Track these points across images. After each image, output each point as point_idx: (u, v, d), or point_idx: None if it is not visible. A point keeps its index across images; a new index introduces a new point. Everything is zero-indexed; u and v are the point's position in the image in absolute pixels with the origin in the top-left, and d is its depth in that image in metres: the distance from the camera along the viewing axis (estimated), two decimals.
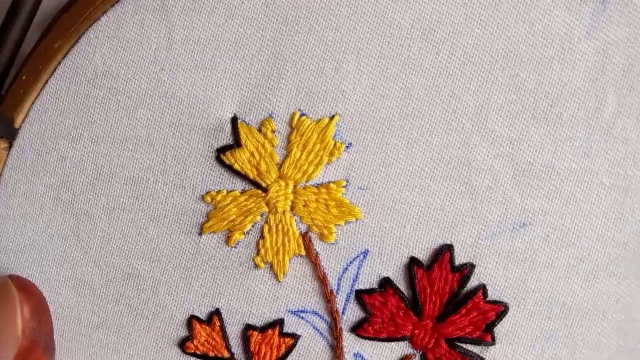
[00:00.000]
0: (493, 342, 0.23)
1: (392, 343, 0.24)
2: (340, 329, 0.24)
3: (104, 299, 0.25)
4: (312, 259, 0.24)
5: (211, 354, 0.25)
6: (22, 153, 0.24)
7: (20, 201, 0.24)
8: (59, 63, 0.23)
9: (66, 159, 0.24)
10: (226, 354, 0.25)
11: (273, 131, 0.23)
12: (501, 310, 0.23)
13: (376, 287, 0.24)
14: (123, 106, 0.23)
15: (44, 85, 0.24)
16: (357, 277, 0.24)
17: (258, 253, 0.24)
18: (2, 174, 0.24)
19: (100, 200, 0.24)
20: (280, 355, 0.24)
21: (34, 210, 0.24)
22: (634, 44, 0.21)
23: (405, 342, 0.24)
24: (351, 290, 0.24)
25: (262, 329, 0.24)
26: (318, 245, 0.23)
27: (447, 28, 0.22)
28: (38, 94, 0.24)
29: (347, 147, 0.23)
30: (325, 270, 0.24)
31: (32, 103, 0.24)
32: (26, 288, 0.23)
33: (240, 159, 0.23)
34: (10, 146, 0.24)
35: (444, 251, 0.23)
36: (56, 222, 0.24)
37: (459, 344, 0.24)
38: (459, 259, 0.23)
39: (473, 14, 0.21)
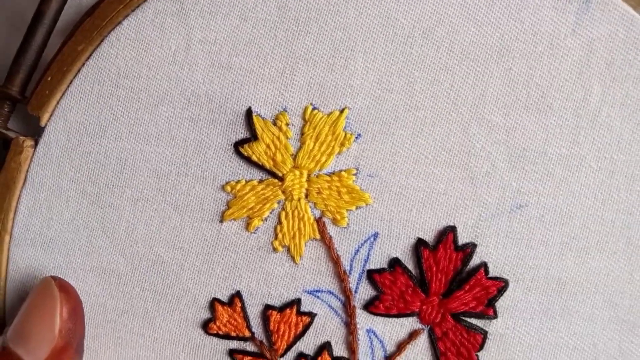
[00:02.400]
0: (495, 315, 0.26)
1: (402, 319, 0.27)
2: (354, 306, 0.27)
3: (129, 285, 0.27)
4: (326, 242, 0.26)
5: (233, 334, 0.27)
6: (48, 150, 0.27)
7: (46, 195, 0.27)
8: (83, 64, 0.26)
9: (91, 155, 0.27)
10: (247, 334, 0.27)
11: (287, 124, 0.26)
12: (502, 285, 0.26)
13: (386, 266, 0.26)
14: (145, 104, 0.26)
15: (68, 86, 0.26)
16: (368, 258, 0.26)
17: (276, 237, 0.27)
18: (28, 170, 0.27)
19: (125, 193, 0.27)
20: (298, 332, 0.27)
21: (60, 203, 0.27)
22: (615, 39, 0.24)
23: (414, 317, 0.27)
24: (363, 270, 0.27)
25: (281, 309, 0.27)
26: (331, 229, 0.26)
27: (445, 27, 0.25)
28: (63, 94, 0.26)
29: (356, 137, 0.26)
30: (338, 252, 0.26)
31: (57, 102, 0.26)
32: (66, 290, 0.26)
33: (257, 151, 0.26)
34: (36, 144, 0.27)
35: (448, 232, 0.26)
36: (82, 214, 0.27)
37: (463, 318, 0.27)
38: (462, 239, 0.26)
39: (469, 14, 0.25)
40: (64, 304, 0.25)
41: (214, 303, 0.27)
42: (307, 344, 0.27)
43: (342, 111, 0.26)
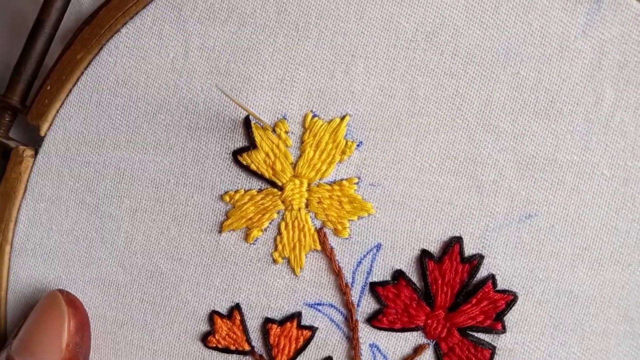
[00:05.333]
0: (504, 330, 0.25)
1: (406, 333, 0.26)
2: (356, 320, 0.26)
3: (129, 297, 0.27)
4: (328, 253, 0.26)
5: (232, 347, 0.27)
6: (47, 160, 0.27)
7: (46, 206, 0.27)
8: (82, 73, 0.26)
9: (90, 164, 0.26)
10: (247, 347, 0.27)
11: (287, 132, 0.25)
12: (510, 299, 0.25)
13: (389, 279, 0.26)
14: (143, 112, 0.26)
15: (67, 95, 0.26)
16: (370, 270, 0.26)
17: (276, 249, 0.26)
18: (29, 180, 0.27)
19: (124, 203, 0.27)
20: (298, 347, 0.27)
21: (59, 214, 0.27)
22: (628, 40, 0.23)
23: (419, 332, 0.26)
24: (365, 282, 0.26)
25: (281, 322, 0.26)
26: (333, 240, 0.26)
27: (449, 30, 0.24)
28: (62, 103, 0.26)
29: (358, 145, 0.25)
30: (340, 264, 0.26)
31: (57, 112, 0.26)
32: (74, 304, 0.26)
33: (256, 160, 0.26)
34: (36, 153, 0.27)
35: (454, 243, 0.25)
36: (81, 224, 0.27)
37: (470, 332, 0.26)
38: (468, 250, 0.25)
39: (474, 17, 0.24)
40: (71, 318, 0.25)
41: (213, 316, 0.27)
42: (309, 359, 0.27)
43: (343, 118, 0.25)
